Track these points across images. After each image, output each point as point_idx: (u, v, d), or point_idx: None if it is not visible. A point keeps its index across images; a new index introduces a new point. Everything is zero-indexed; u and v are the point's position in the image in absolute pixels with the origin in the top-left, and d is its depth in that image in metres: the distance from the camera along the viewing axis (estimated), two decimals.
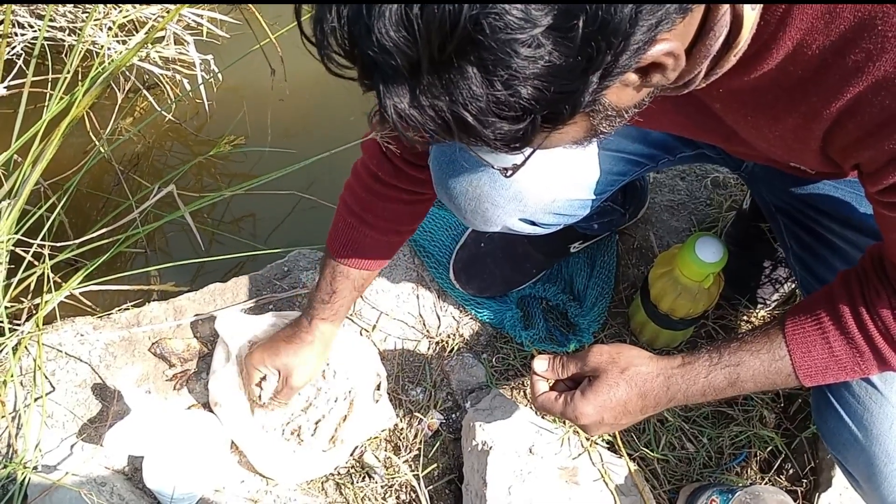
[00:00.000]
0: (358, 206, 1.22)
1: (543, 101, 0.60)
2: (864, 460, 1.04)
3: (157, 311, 1.50)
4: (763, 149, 0.90)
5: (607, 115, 0.70)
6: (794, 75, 0.73)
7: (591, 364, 1.02)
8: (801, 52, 0.71)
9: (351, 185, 1.23)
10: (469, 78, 0.58)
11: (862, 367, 0.91)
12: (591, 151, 1.13)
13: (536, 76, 0.58)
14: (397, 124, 0.62)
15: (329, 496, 1.38)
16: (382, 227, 1.23)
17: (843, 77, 0.70)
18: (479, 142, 0.64)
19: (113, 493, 1.27)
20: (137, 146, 1.88)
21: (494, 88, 0.59)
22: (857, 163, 0.79)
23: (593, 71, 0.60)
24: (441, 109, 0.61)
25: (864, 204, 1.11)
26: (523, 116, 0.61)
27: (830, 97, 0.72)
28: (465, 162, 1.09)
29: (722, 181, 1.68)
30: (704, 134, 1.01)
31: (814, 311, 0.93)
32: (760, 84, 0.76)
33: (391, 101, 0.60)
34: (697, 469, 1.40)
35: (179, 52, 1.82)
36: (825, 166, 0.85)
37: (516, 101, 0.60)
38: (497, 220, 1.14)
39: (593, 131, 0.73)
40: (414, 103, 0.60)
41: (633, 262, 1.60)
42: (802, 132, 0.79)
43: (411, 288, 1.56)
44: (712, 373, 0.96)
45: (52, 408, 1.38)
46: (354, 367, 1.40)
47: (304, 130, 1.94)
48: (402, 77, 0.59)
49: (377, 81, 0.60)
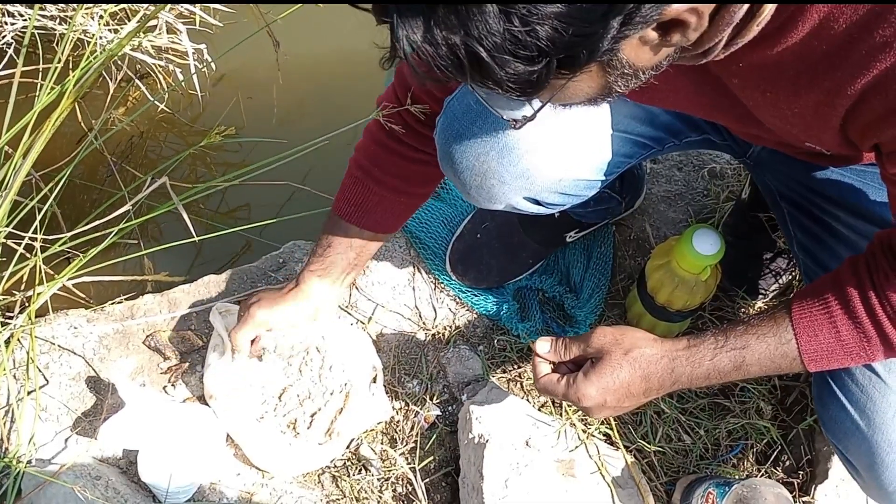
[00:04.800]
0: (367, 160, 1.20)
1: (561, 42, 0.59)
2: (865, 449, 1.04)
3: (152, 303, 1.49)
4: (778, 128, 0.89)
5: (623, 73, 0.69)
6: (819, 50, 0.72)
7: (595, 346, 1.01)
8: (827, 27, 0.70)
9: (362, 143, 1.21)
10: (486, 11, 0.57)
11: (868, 352, 0.90)
12: (600, 132, 1.12)
13: (556, 16, 0.57)
14: (409, 59, 0.60)
15: (325, 489, 1.37)
16: (389, 183, 1.20)
17: (869, 53, 0.69)
18: (492, 83, 0.63)
19: (108, 486, 1.26)
20: (130, 136, 1.87)
21: (511, 24, 0.57)
22: (877, 142, 0.79)
23: (615, 15, 0.59)
24: (455, 44, 0.59)
25: (872, 192, 1.10)
26: (539, 58, 0.60)
27: (856, 73, 0.71)
28: (473, 137, 1.07)
29: (719, 172, 1.68)
30: (718, 114, 1.00)
31: (821, 294, 0.91)
32: (783, 59, 0.75)
33: (404, 31, 0.59)
34: (694, 461, 1.40)
35: (172, 41, 1.80)
36: (842, 147, 0.84)
37: (533, 40, 0.58)
38: (502, 198, 1.12)
39: (608, 89, 0.72)
40: (427, 36, 0.59)
41: (629, 254, 1.60)
42: (824, 109, 0.78)
43: (407, 280, 1.55)
44: (718, 356, 0.95)
45: (45, 401, 1.37)
46: (350, 359, 1.40)
47: (300, 119, 1.93)
48: (417, 6, 0.58)
49: (392, 11, 0.59)
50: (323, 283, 1.27)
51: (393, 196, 1.22)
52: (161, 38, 1.78)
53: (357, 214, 1.22)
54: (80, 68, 1.37)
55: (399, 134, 1.15)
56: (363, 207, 1.22)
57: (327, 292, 1.29)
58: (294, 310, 1.28)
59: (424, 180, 1.24)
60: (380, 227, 1.25)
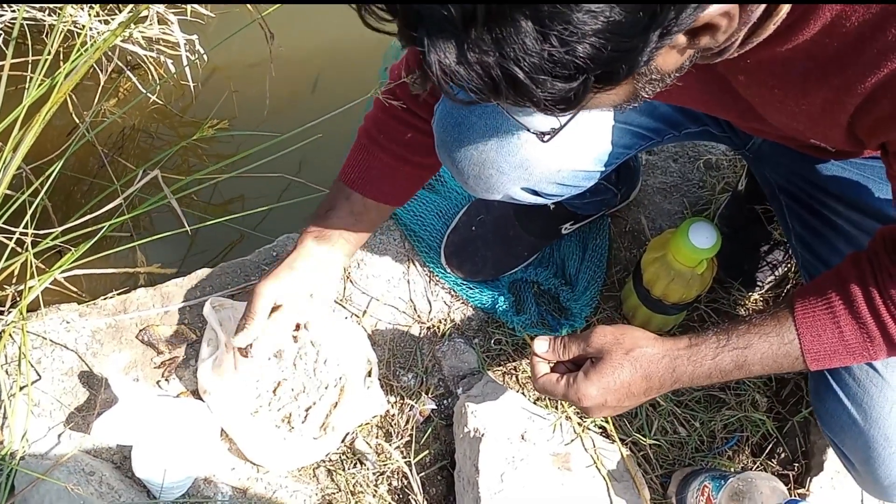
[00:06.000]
0: (374, 127, 1.18)
1: (599, 59, 0.57)
2: (861, 443, 1.04)
3: (144, 297, 1.48)
4: (783, 124, 0.88)
5: (651, 80, 0.68)
6: (830, 48, 0.72)
7: (595, 345, 1.00)
8: (839, 25, 0.70)
9: (371, 113, 1.19)
10: (523, 32, 0.55)
11: (871, 351, 0.90)
12: (600, 122, 1.11)
13: (596, 32, 0.55)
14: (441, 81, 0.59)
15: (320, 483, 1.37)
16: (394, 151, 1.18)
17: (881, 52, 0.69)
18: (527, 102, 0.62)
19: (102, 482, 1.26)
20: (122, 128, 1.85)
21: (550, 44, 0.56)
22: (884, 141, 0.78)
23: (655, 28, 0.57)
24: (489, 66, 0.57)
25: (872, 186, 1.10)
26: (576, 75, 0.59)
27: (867, 72, 0.71)
28: (472, 126, 1.06)
29: (715, 163, 1.67)
30: (720, 109, 1.00)
31: (824, 293, 0.91)
32: (793, 56, 0.75)
33: (436, 56, 0.57)
34: (689, 453, 1.40)
35: (163, 32, 1.78)
36: (848, 144, 0.84)
37: (571, 58, 0.57)
38: (500, 188, 1.11)
39: (635, 95, 0.71)
40: (461, 59, 0.57)
41: (625, 246, 1.59)
42: (832, 107, 0.77)
43: (402, 273, 1.54)
44: (719, 355, 0.95)
45: (38, 396, 1.36)
46: (345, 353, 1.39)
47: (293, 110, 1.91)
48: (450, 30, 0.56)
49: (422, 35, 0.57)
50: (319, 245, 1.22)
51: (398, 164, 1.19)
52: (152, 28, 1.76)
53: (361, 180, 1.19)
54: (71, 61, 1.36)
55: (405, 101, 1.13)
56: (367, 173, 1.19)
57: (325, 256, 1.22)
58: (296, 276, 1.20)
59: (426, 151, 1.19)
60: (382, 196, 1.22)
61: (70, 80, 1.33)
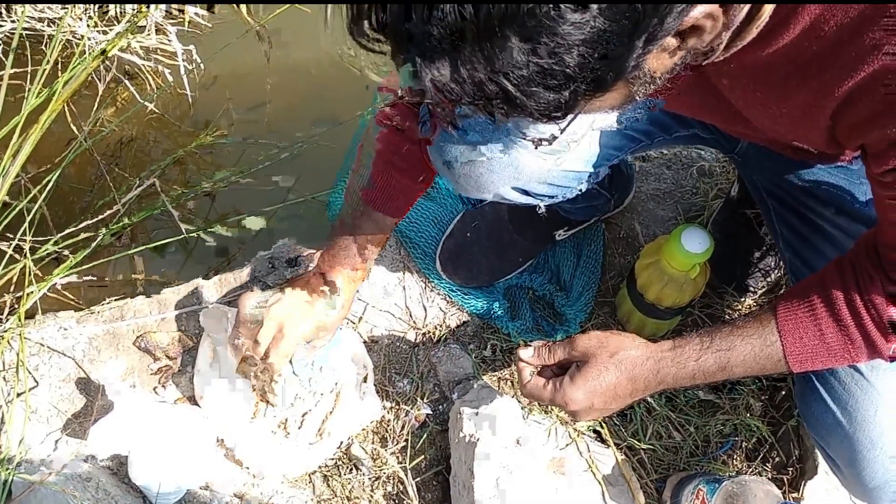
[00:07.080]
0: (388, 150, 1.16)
1: (588, 68, 0.59)
2: (847, 446, 1.05)
3: (142, 304, 1.49)
4: (766, 127, 0.90)
5: (645, 82, 0.70)
6: (809, 51, 0.73)
7: (580, 349, 1.01)
8: (818, 29, 0.71)
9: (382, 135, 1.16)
10: (512, 47, 0.57)
11: (852, 354, 0.91)
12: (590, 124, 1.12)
13: (582, 42, 0.57)
14: (435, 98, 0.60)
15: (316, 489, 1.37)
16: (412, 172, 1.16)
17: (858, 55, 0.70)
18: (520, 113, 0.63)
19: (98, 488, 1.26)
20: (120, 138, 1.86)
21: (538, 56, 0.58)
22: (862, 143, 0.79)
23: (639, 35, 0.59)
24: (482, 81, 0.59)
25: (858, 191, 1.11)
26: (566, 84, 0.60)
27: (844, 75, 0.72)
28: (462, 125, 1.06)
29: (708, 170, 1.68)
30: (705, 112, 1.01)
31: (806, 297, 0.92)
32: (774, 60, 0.76)
33: (430, 74, 0.59)
34: (684, 458, 1.40)
35: (161, 42, 1.79)
36: (830, 146, 0.85)
37: (560, 69, 0.59)
38: (490, 187, 1.12)
39: (630, 98, 0.72)
40: (455, 76, 0.59)
41: (619, 252, 1.60)
42: (812, 109, 0.79)
43: (398, 279, 1.55)
44: (703, 357, 0.96)
45: (35, 403, 1.37)
46: (341, 359, 1.40)
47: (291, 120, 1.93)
48: (442, 49, 0.58)
49: (412, 55, 0.59)
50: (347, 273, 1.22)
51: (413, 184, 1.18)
52: (150, 38, 1.78)
53: (381, 200, 1.18)
54: (69, 70, 1.37)
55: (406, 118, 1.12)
56: (387, 193, 1.18)
57: (350, 282, 1.23)
58: (332, 315, 1.22)
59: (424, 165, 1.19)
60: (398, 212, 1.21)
61: (68, 90, 1.35)
